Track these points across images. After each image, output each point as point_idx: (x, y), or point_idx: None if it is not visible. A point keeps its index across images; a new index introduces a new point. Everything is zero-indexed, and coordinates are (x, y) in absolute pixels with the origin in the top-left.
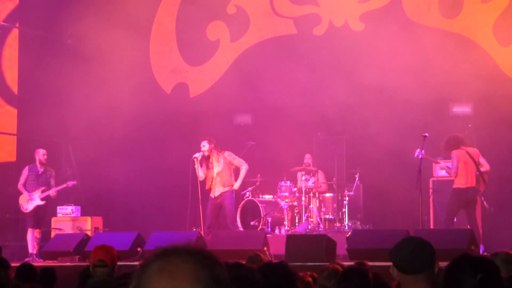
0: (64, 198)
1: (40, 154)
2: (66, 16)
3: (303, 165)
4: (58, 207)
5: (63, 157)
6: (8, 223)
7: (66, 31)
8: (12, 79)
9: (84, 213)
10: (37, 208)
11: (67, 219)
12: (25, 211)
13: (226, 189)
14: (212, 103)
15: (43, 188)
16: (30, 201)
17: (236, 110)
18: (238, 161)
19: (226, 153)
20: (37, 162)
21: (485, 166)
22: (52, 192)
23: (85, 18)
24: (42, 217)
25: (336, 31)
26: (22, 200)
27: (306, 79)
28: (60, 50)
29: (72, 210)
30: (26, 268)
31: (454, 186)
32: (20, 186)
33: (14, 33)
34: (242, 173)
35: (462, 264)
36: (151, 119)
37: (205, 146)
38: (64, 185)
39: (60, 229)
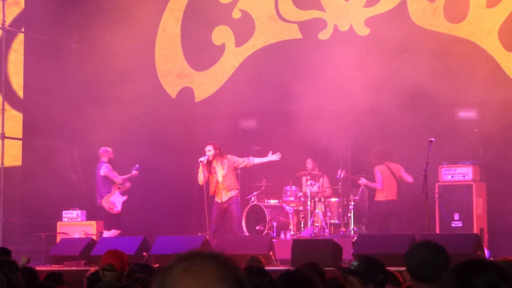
0: (69, 202)
1: (110, 152)
2: (71, 20)
3: (306, 170)
4: (64, 212)
5: (68, 161)
6: (14, 226)
7: (71, 35)
8: (17, 84)
9: (89, 217)
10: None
11: (72, 224)
12: (116, 212)
13: (233, 193)
14: (217, 107)
15: (115, 185)
16: (118, 202)
17: (241, 114)
18: (242, 160)
19: (228, 156)
20: (108, 161)
21: (407, 179)
22: (127, 184)
23: (90, 22)
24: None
25: (341, 36)
26: (107, 203)
27: (311, 83)
28: (66, 55)
29: (77, 214)
30: (27, 272)
31: (376, 199)
32: (122, 178)
33: (20, 37)
34: (258, 159)
35: (473, 269)
36: (156, 123)
37: (210, 150)
38: (131, 174)
39: (65, 234)
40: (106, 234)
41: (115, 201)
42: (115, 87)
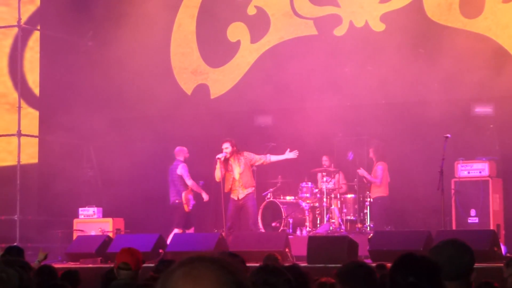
0: (85, 199)
1: (186, 152)
2: (87, 18)
3: (322, 167)
4: (80, 209)
5: (84, 158)
6: (31, 223)
7: (87, 33)
8: (33, 81)
9: (105, 214)
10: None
11: (89, 221)
12: (188, 210)
13: (250, 190)
14: (232, 104)
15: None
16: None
17: (256, 111)
18: (259, 157)
19: (245, 153)
20: (183, 160)
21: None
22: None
23: (106, 20)
24: (193, 218)
25: (357, 32)
26: (186, 198)
27: (326, 80)
28: (81, 52)
29: (94, 211)
30: (45, 270)
31: (378, 195)
32: (194, 182)
33: (36, 35)
34: (274, 157)
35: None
36: (171, 120)
37: (227, 147)
38: (200, 187)
39: (82, 231)
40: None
41: (190, 199)
42: (131, 84)
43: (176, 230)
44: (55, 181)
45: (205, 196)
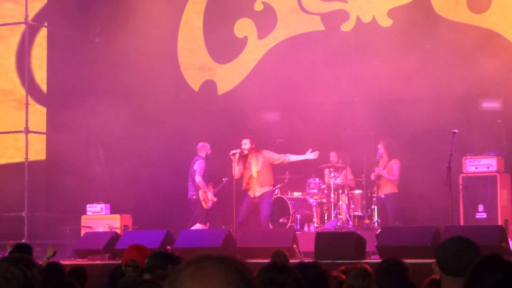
0: (93, 196)
1: (208, 148)
2: (94, 15)
3: (329, 163)
4: (88, 205)
5: (92, 155)
6: (39, 220)
7: (94, 30)
8: (41, 78)
9: (113, 211)
10: (212, 204)
11: (96, 217)
12: (207, 208)
13: (267, 189)
14: (240, 100)
15: (211, 183)
16: (210, 199)
17: (264, 107)
18: (278, 156)
19: (264, 152)
20: (205, 156)
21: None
22: (221, 186)
23: (113, 17)
24: (211, 214)
25: (364, 27)
26: (204, 196)
27: (333, 75)
28: (89, 49)
29: (101, 208)
30: (53, 267)
31: (393, 191)
32: (201, 180)
33: (43, 32)
34: (294, 157)
35: (483, 265)
36: (179, 116)
37: (246, 144)
38: (222, 185)
39: (89, 227)
40: (194, 227)
41: (209, 197)
42: (138, 81)
43: (198, 225)
44: (63, 178)
45: (210, 196)
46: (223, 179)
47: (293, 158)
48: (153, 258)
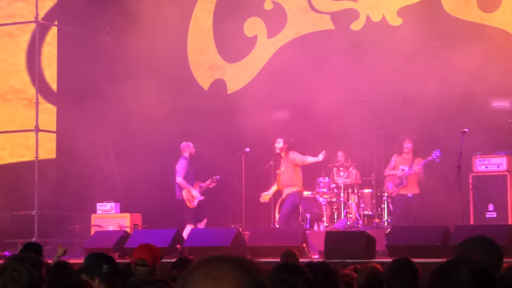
0: (103, 195)
1: (191, 147)
2: (104, 13)
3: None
4: (98, 204)
5: (102, 154)
6: (49, 219)
7: (104, 28)
8: (51, 77)
9: (123, 210)
10: (199, 203)
11: (106, 216)
12: (192, 207)
13: (289, 190)
14: (249, 99)
15: (198, 182)
16: (196, 197)
17: (273, 106)
18: (299, 158)
19: (291, 153)
20: (188, 156)
21: None
22: (208, 183)
23: (123, 16)
24: (204, 211)
25: (374, 26)
26: (188, 195)
27: (343, 74)
28: (98, 48)
29: (111, 207)
30: (61, 266)
31: (418, 191)
32: (182, 180)
33: (53, 31)
34: (311, 159)
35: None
36: (188, 115)
37: (279, 143)
38: (210, 180)
39: (99, 226)
40: (186, 230)
41: (194, 196)
42: (148, 80)
43: (188, 226)
44: (73, 176)
45: (195, 194)
46: (214, 177)
47: (310, 160)
48: (89, 258)
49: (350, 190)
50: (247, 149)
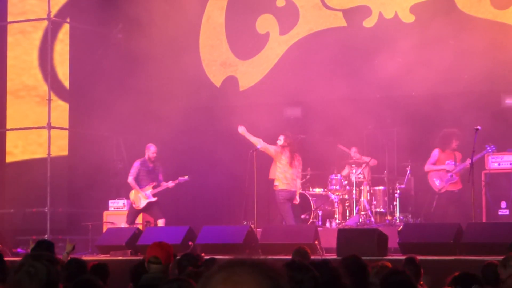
0: (115, 192)
1: (151, 151)
2: (116, 10)
3: (351, 159)
4: (110, 201)
5: (114, 151)
6: (61, 216)
7: (116, 25)
8: (63, 74)
9: None
10: (149, 204)
11: (119, 213)
12: (137, 208)
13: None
14: (261, 96)
15: (153, 183)
16: (143, 198)
17: (285, 103)
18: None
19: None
20: (147, 158)
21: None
22: (170, 184)
23: (135, 13)
24: (155, 212)
25: (386, 23)
26: (134, 196)
27: (355, 71)
28: (111, 45)
29: (123, 204)
30: (75, 263)
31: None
32: (132, 180)
33: (65, 28)
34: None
35: None
36: (200, 112)
37: (280, 140)
38: (177, 181)
39: (112, 223)
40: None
41: (140, 197)
42: (160, 77)
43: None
44: (85, 174)
45: (141, 195)
46: (180, 177)
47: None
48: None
49: (362, 187)
50: (259, 146)
